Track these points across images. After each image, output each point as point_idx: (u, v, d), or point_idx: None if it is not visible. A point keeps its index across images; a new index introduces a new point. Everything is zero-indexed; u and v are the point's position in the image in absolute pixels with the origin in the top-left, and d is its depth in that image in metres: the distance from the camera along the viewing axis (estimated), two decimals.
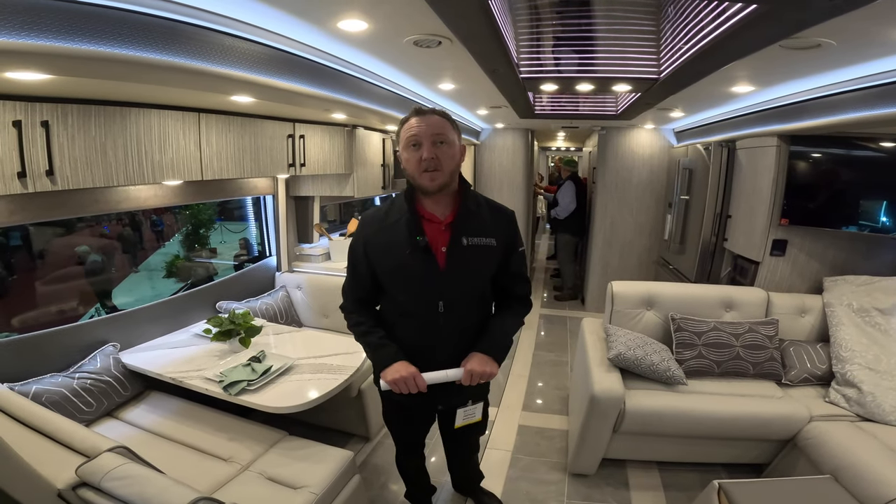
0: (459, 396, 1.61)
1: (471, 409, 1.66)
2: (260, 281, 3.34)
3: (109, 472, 1.30)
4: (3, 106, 1.45)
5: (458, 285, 1.49)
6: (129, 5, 1.21)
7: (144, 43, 1.26)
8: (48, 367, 2.03)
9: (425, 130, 1.40)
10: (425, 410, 1.78)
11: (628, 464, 2.58)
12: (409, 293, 1.49)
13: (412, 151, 1.42)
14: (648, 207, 5.03)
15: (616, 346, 2.45)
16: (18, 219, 1.92)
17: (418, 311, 1.50)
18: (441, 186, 1.43)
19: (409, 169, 1.45)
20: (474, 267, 1.50)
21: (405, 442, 1.93)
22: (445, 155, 1.42)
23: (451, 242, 1.46)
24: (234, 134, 2.32)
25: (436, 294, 1.47)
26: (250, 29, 1.54)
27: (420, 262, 1.44)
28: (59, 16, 1.09)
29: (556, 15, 2.25)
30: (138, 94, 1.73)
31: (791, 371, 2.51)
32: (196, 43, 1.39)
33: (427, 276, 1.45)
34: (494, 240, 1.50)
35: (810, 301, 2.74)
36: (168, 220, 4.48)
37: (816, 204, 2.79)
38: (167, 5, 1.28)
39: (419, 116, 1.44)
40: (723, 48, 1.76)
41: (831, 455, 1.97)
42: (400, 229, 1.46)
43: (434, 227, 1.48)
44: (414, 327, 1.53)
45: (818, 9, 1.36)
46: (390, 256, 1.47)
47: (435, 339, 1.52)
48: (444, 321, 1.49)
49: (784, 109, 2.60)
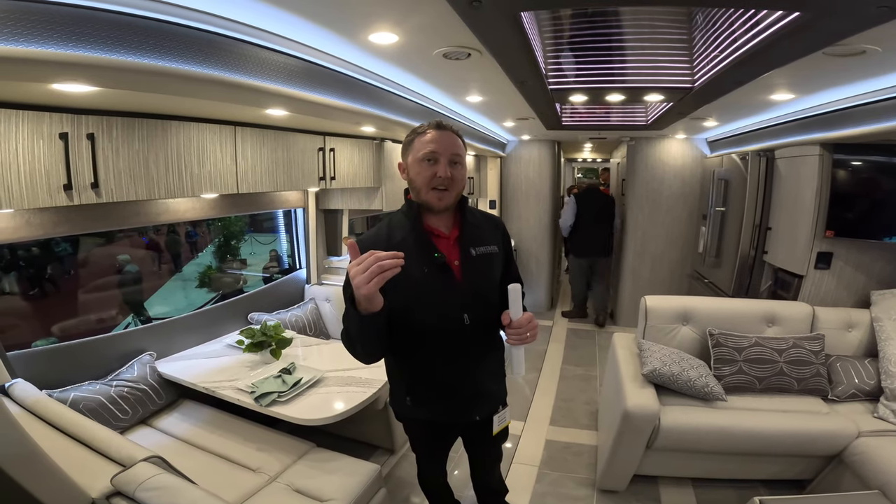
0: (491, 404, 1.59)
1: (503, 413, 1.63)
2: (290, 293, 3.39)
3: (144, 483, 1.31)
4: (50, 118, 1.50)
5: (478, 295, 1.45)
6: (173, 17, 1.25)
7: (187, 56, 1.29)
8: (87, 374, 2.09)
9: (445, 148, 1.37)
10: (456, 425, 1.69)
11: (660, 480, 2.50)
12: (433, 312, 1.41)
13: (426, 165, 1.37)
14: (681, 219, 4.91)
15: (651, 362, 2.38)
16: (63, 230, 1.99)
17: (445, 327, 1.43)
18: (446, 207, 1.41)
19: (417, 182, 1.40)
20: (486, 275, 1.49)
21: (432, 460, 1.84)
22: (458, 176, 1.40)
23: (463, 255, 1.44)
24: (267, 147, 2.37)
25: (459, 307, 1.43)
26: (285, 42, 1.58)
27: (439, 279, 1.40)
28: (106, 27, 1.13)
29: (584, 25, 2.23)
30: (178, 107, 1.78)
31: (838, 387, 2.41)
32: (234, 56, 1.43)
33: (448, 291, 1.41)
34: (496, 247, 1.51)
35: (857, 315, 2.63)
36: (201, 230, 4.61)
37: (862, 215, 2.68)
38: (209, 18, 1.32)
39: (440, 131, 1.39)
40: (763, 56, 1.71)
41: (880, 470, 1.91)
42: (409, 249, 1.29)
43: (443, 241, 1.44)
44: (441, 347, 1.45)
45: (864, 15, 1.31)
46: (405, 279, 1.21)
47: (464, 354, 1.47)
48: (470, 333, 1.45)
49: (826, 117, 2.51)
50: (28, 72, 1.11)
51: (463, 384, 1.49)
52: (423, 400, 1.52)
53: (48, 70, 1.12)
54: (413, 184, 1.43)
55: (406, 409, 1.57)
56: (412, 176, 1.42)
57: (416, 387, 1.52)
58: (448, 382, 1.48)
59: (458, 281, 1.42)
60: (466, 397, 1.51)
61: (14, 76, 1.14)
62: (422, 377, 1.50)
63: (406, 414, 1.61)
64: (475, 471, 1.98)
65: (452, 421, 1.59)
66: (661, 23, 2.21)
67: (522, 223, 5.56)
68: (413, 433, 1.74)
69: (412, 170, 1.41)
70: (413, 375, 1.52)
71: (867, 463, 1.99)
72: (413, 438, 1.77)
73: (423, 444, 1.77)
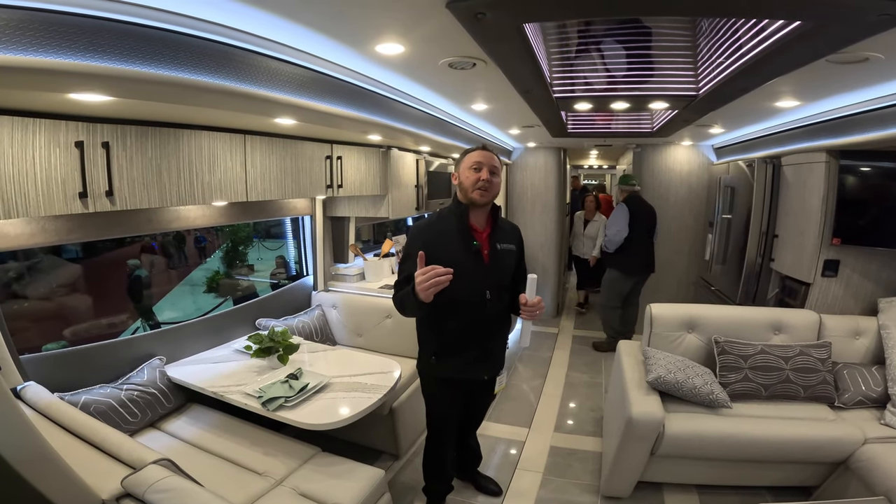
0: (496, 367, 2.06)
1: (502, 376, 2.10)
2: (297, 299, 3.41)
3: (153, 485, 1.33)
4: (66, 126, 1.53)
5: (498, 278, 1.93)
6: (186, 29, 1.28)
7: (200, 66, 1.33)
8: (98, 377, 2.12)
9: (487, 161, 1.86)
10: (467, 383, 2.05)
11: (665, 487, 2.49)
12: (465, 286, 1.78)
13: (473, 172, 1.84)
14: (687, 226, 4.90)
15: (655, 370, 2.38)
16: (77, 237, 2.03)
17: (471, 299, 1.87)
18: (486, 202, 1.87)
19: (465, 183, 1.86)
20: (506, 264, 1.96)
21: (449, 418, 2.14)
22: (494, 181, 1.87)
23: (491, 247, 1.92)
24: (276, 155, 2.40)
25: (483, 285, 1.88)
26: (294, 53, 1.62)
27: (473, 261, 1.86)
28: (122, 38, 1.16)
29: (588, 33, 2.25)
30: (190, 115, 1.82)
31: (845, 394, 2.41)
32: (245, 66, 1.47)
33: (478, 271, 1.86)
34: (513, 246, 2.00)
35: (865, 323, 2.62)
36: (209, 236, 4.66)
37: (870, 222, 2.67)
38: (221, 30, 1.35)
39: (485, 151, 1.89)
40: (767, 64, 1.73)
41: (886, 477, 1.92)
42: (453, 236, 1.87)
43: (478, 235, 1.91)
44: (464, 313, 1.88)
45: (865, 23, 1.32)
46: (448, 257, 1.76)
47: (482, 322, 1.93)
48: (489, 306, 1.90)
49: (832, 123, 2.51)
50: (46, 82, 1.15)
51: (478, 346, 1.95)
52: (446, 358, 1.95)
53: (66, 80, 1.15)
54: (462, 186, 1.88)
55: (430, 368, 2.00)
56: (462, 180, 1.88)
57: (441, 347, 1.95)
58: (467, 342, 1.93)
59: (485, 265, 1.89)
60: (479, 358, 1.97)
61: (32, 86, 1.17)
62: (447, 339, 1.93)
63: (430, 372, 2.03)
64: (465, 430, 2.40)
65: (467, 377, 2.00)
66: (666, 30, 2.23)
67: (528, 231, 5.48)
68: (431, 391, 2.11)
69: (463, 175, 1.88)
70: (440, 337, 1.94)
71: (873, 469, 1.99)
72: (431, 396, 2.13)
73: (438, 402, 2.12)
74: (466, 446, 2.47)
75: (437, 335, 1.96)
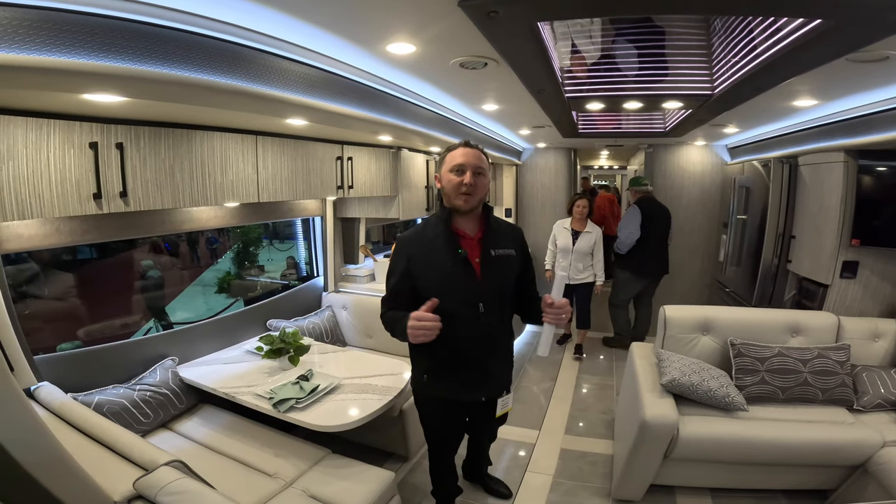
0: (497, 387, 1.84)
1: (506, 398, 1.87)
2: (307, 300, 3.42)
3: (165, 487, 1.33)
4: (80, 127, 1.53)
5: (493, 289, 1.71)
6: (200, 29, 1.28)
7: (213, 66, 1.33)
8: (111, 378, 2.13)
9: (470, 161, 1.65)
10: (464, 405, 1.89)
11: (678, 490, 2.45)
12: (454, 299, 1.65)
13: (455, 175, 1.65)
14: (700, 227, 4.84)
15: (669, 372, 2.34)
16: (91, 238, 2.05)
17: (463, 313, 1.66)
18: (472, 208, 1.68)
19: (447, 188, 1.68)
20: (503, 273, 1.74)
21: (447, 438, 2.03)
22: (480, 184, 1.67)
23: (483, 254, 1.70)
24: (287, 156, 2.41)
25: (476, 297, 1.68)
26: (306, 53, 1.61)
27: (461, 272, 1.66)
28: (135, 38, 1.16)
29: (601, 32, 2.23)
30: (202, 116, 1.82)
31: (864, 397, 2.36)
32: (258, 66, 1.46)
33: (468, 282, 1.67)
34: (513, 251, 1.77)
35: (884, 325, 2.57)
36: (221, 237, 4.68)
37: (889, 222, 2.61)
38: (234, 30, 1.36)
39: (467, 148, 1.68)
40: (784, 63, 1.70)
41: None
42: (439, 245, 1.68)
43: (467, 242, 1.71)
44: (456, 329, 1.65)
45: (886, 22, 1.29)
46: (434, 268, 1.67)
47: (477, 338, 1.71)
48: (484, 320, 1.69)
49: (850, 123, 2.46)
50: (61, 82, 1.15)
51: (475, 366, 1.74)
52: (439, 377, 1.77)
53: (80, 80, 1.15)
54: (445, 190, 1.70)
55: (423, 387, 1.83)
56: (444, 184, 1.69)
57: (434, 365, 1.76)
58: (461, 361, 1.73)
59: (476, 274, 1.68)
60: (476, 377, 1.76)
61: (47, 86, 1.17)
62: (439, 356, 1.72)
63: (423, 391, 1.87)
64: (471, 445, 2.36)
65: (461, 399, 1.82)
66: (679, 30, 2.20)
67: (538, 232, 5.46)
68: (427, 410, 1.94)
69: (444, 179, 1.69)
70: (431, 356, 1.74)
71: (892, 472, 1.95)
72: (427, 415, 1.96)
73: (434, 421, 1.97)
74: (478, 456, 2.42)
75: (427, 355, 1.74)
